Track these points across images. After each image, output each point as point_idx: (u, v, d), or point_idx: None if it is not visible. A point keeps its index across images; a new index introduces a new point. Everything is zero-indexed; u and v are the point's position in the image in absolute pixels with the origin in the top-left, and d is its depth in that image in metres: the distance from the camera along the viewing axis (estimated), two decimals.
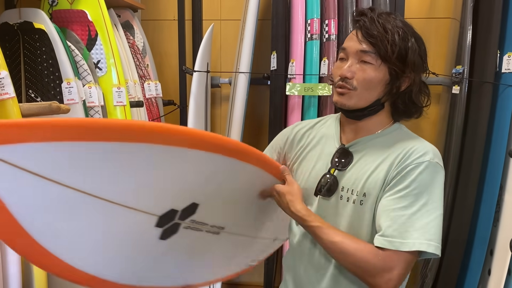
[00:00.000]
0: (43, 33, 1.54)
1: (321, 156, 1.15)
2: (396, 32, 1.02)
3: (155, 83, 2.25)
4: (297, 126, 1.24)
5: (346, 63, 1.06)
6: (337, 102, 1.08)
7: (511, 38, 1.90)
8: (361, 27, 1.04)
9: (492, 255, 1.95)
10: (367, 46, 1.03)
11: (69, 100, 1.56)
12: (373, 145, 1.09)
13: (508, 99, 1.89)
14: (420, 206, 0.97)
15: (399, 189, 1.00)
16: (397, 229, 0.96)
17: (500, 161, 1.90)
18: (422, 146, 1.04)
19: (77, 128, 0.69)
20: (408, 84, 1.07)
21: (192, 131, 0.91)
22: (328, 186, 1.09)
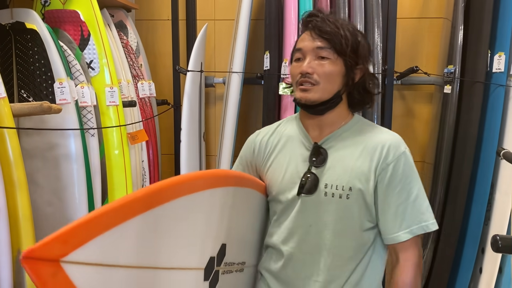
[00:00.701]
0: (35, 33, 1.54)
1: (291, 158, 1.20)
2: (346, 28, 1.13)
3: (149, 82, 2.26)
4: (259, 134, 1.30)
5: (304, 62, 1.13)
6: (302, 98, 1.14)
7: (501, 38, 1.91)
8: (314, 27, 1.12)
9: (483, 253, 1.96)
10: (322, 43, 1.11)
11: (62, 100, 1.56)
12: (344, 139, 1.17)
13: (499, 99, 1.90)
14: (417, 192, 1.12)
15: (394, 186, 1.11)
16: (410, 219, 1.10)
17: (491, 160, 1.92)
18: (392, 138, 1.16)
19: (122, 208, 0.72)
20: (361, 75, 1.17)
21: (209, 173, 1.01)
22: (310, 184, 1.14)
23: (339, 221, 1.13)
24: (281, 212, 1.21)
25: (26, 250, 0.61)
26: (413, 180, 1.13)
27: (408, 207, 1.11)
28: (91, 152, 1.69)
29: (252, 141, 1.30)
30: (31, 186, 1.43)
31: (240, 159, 1.33)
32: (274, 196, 1.22)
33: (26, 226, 1.20)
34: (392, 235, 1.13)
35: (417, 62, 2.38)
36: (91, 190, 1.66)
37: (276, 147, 1.24)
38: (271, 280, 1.24)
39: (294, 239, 1.18)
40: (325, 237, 1.15)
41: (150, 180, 2.15)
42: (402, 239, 1.11)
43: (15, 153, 1.20)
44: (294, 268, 1.19)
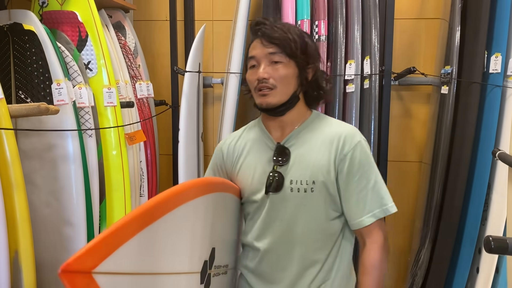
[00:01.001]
0: (32, 34, 1.55)
1: (258, 160, 1.27)
2: (293, 32, 1.21)
3: (147, 83, 2.26)
4: (226, 141, 1.37)
5: (259, 68, 1.20)
6: (263, 103, 1.21)
7: (498, 39, 1.92)
8: (263, 34, 1.20)
9: (480, 253, 1.97)
10: (273, 48, 1.19)
11: (59, 101, 1.57)
12: (304, 135, 1.25)
13: (496, 99, 1.90)
14: (375, 178, 1.20)
15: (353, 174, 1.20)
16: (371, 204, 1.19)
17: (488, 160, 1.92)
18: (347, 130, 1.24)
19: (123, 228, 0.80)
20: (313, 73, 1.26)
21: (191, 184, 1.07)
22: (276, 183, 1.21)
23: (307, 213, 1.21)
24: (254, 212, 1.29)
25: (63, 264, 0.68)
26: (370, 167, 1.21)
27: (369, 193, 1.19)
28: (89, 153, 1.70)
29: (220, 148, 1.37)
30: (29, 187, 1.44)
31: (212, 166, 1.40)
32: (247, 198, 1.30)
33: (23, 227, 1.20)
34: (357, 221, 1.21)
35: (415, 63, 2.39)
36: (89, 191, 1.66)
37: (243, 152, 1.31)
38: (249, 277, 1.32)
39: (267, 235, 1.26)
40: (296, 230, 1.23)
41: (148, 180, 2.15)
42: (367, 223, 1.19)
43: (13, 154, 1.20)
44: (270, 262, 1.27)
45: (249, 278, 1.32)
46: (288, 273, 1.25)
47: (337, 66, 2.06)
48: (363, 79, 2.08)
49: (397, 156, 2.50)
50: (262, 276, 1.29)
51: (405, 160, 2.52)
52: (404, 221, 2.55)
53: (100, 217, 1.76)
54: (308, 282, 1.24)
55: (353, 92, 2.05)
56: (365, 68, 2.07)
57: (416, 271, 2.18)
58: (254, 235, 1.28)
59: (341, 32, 2.05)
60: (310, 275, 1.24)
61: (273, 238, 1.25)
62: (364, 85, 2.08)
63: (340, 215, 1.25)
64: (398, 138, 2.49)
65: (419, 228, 2.30)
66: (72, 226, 1.60)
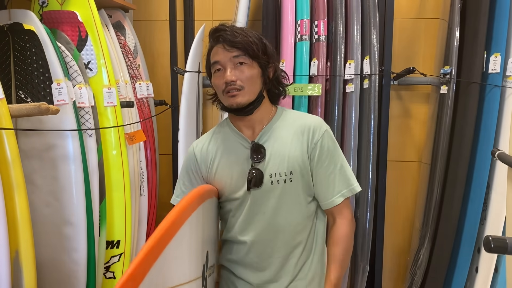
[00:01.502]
0: (33, 34, 1.55)
1: (234, 160, 1.34)
2: (253, 35, 1.29)
3: (147, 83, 2.26)
4: (197, 146, 1.41)
5: (226, 72, 1.27)
6: (233, 103, 1.28)
7: (497, 39, 1.92)
8: (225, 40, 1.27)
9: (479, 253, 1.97)
10: (236, 52, 1.26)
11: (59, 101, 1.57)
12: (275, 131, 1.33)
13: (495, 99, 1.91)
14: (341, 162, 1.33)
15: (322, 160, 1.31)
16: (340, 185, 1.32)
17: (487, 160, 1.93)
18: (314, 120, 1.34)
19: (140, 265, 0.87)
20: (274, 71, 1.34)
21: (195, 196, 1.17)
22: (256, 179, 1.29)
23: (288, 202, 1.32)
24: (235, 208, 1.36)
25: None
26: (336, 152, 1.34)
27: (337, 176, 1.32)
28: (89, 152, 1.70)
29: (192, 153, 1.41)
30: (29, 186, 1.44)
31: (186, 172, 1.42)
32: (227, 197, 1.36)
33: (24, 227, 1.20)
34: (329, 201, 1.33)
35: (414, 63, 2.39)
36: (89, 190, 1.66)
37: (217, 154, 1.37)
38: (235, 268, 1.38)
39: (251, 228, 1.34)
40: (279, 219, 1.32)
41: (148, 180, 2.15)
42: (337, 203, 1.32)
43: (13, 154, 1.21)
44: (257, 252, 1.35)
45: (235, 270, 1.39)
46: (275, 258, 1.34)
47: (337, 66, 2.06)
48: (362, 79, 2.08)
49: (397, 156, 2.50)
50: (250, 265, 1.36)
51: (404, 160, 2.52)
52: (403, 221, 2.56)
53: (100, 217, 1.76)
54: (294, 263, 1.35)
55: (353, 92, 2.06)
56: (365, 68, 2.07)
57: (415, 270, 2.18)
58: (238, 229, 1.36)
59: (341, 32, 2.06)
60: (295, 256, 1.35)
61: (258, 230, 1.33)
62: (364, 85, 2.08)
63: (314, 198, 1.37)
64: (397, 138, 2.49)
65: (418, 228, 2.30)
66: (72, 225, 1.60)
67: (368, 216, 2.09)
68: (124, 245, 1.83)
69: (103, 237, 1.78)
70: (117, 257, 1.83)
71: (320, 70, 2.06)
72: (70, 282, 1.62)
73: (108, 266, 1.83)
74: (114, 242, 1.82)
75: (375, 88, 2.07)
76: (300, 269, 1.36)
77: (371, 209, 2.10)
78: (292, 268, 1.35)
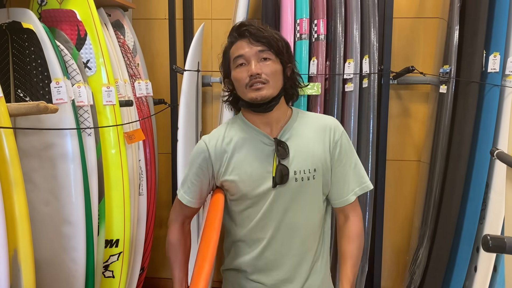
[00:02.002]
0: (31, 33, 1.54)
1: (253, 157, 1.32)
2: (275, 33, 1.31)
3: (146, 82, 2.26)
4: (211, 141, 1.37)
5: (249, 66, 1.27)
6: (257, 96, 1.27)
7: (497, 38, 1.92)
8: (251, 34, 1.28)
9: (478, 252, 1.97)
10: (262, 46, 1.27)
11: (58, 99, 1.56)
12: (296, 129, 1.35)
13: (494, 99, 1.91)
14: (355, 161, 1.38)
15: (341, 159, 1.35)
16: (354, 183, 1.36)
17: (486, 159, 1.93)
18: (333, 121, 1.38)
19: None
20: (291, 71, 1.35)
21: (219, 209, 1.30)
22: (282, 176, 1.29)
23: (308, 199, 1.33)
24: (253, 206, 1.33)
25: None
26: (352, 152, 1.38)
27: (351, 174, 1.36)
28: (88, 151, 1.70)
29: (205, 148, 1.36)
30: (28, 185, 1.44)
31: (195, 169, 1.37)
32: (243, 195, 1.33)
33: (22, 225, 1.20)
34: (343, 199, 1.36)
35: (413, 62, 2.39)
36: (88, 189, 1.66)
37: (234, 150, 1.34)
38: (246, 269, 1.37)
39: (270, 225, 1.33)
40: (299, 216, 1.33)
41: (147, 179, 2.15)
42: (351, 201, 1.36)
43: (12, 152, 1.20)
44: (273, 250, 1.34)
45: (246, 271, 1.37)
46: (291, 257, 1.34)
47: (336, 65, 2.06)
48: (362, 78, 2.08)
49: (396, 155, 2.51)
50: (264, 265, 1.35)
51: (403, 159, 2.52)
52: (402, 220, 2.56)
53: (99, 216, 1.76)
54: (309, 262, 1.36)
55: (352, 91, 2.06)
56: (364, 67, 2.07)
57: (414, 269, 2.18)
58: (255, 227, 1.34)
59: (340, 31, 2.05)
60: (310, 255, 1.36)
61: (276, 228, 1.33)
62: (363, 84, 2.08)
63: (326, 197, 1.40)
64: (396, 137, 2.50)
65: (417, 227, 2.30)
66: (71, 224, 1.60)
67: (367, 215, 2.09)
68: (123, 244, 1.83)
69: (102, 236, 1.78)
70: (116, 256, 1.83)
71: (320, 69, 2.06)
72: (69, 281, 1.62)
73: (107, 265, 1.83)
74: (113, 241, 1.82)
75: (374, 87, 2.07)
76: (313, 268, 1.37)
77: (370, 208, 2.10)
78: (307, 267, 1.35)
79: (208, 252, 1.17)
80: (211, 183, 1.39)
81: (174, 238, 1.43)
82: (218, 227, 1.26)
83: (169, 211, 1.47)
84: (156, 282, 2.72)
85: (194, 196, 1.39)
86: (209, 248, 1.18)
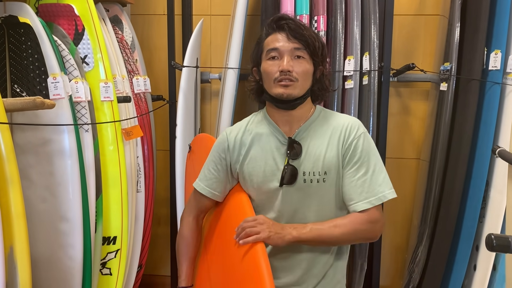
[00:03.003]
0: (28, 27, 1.52)
1: (268, 152, 1.31)
2: (314, 33, 1.28)
3: (144, 78, 2.24)
4: (231, 133, 1.38)
5: (281, 61, 1.24)
6: (284, 93, 1.24)
7: (498, 35, 1.91)
8: (290, 29, 1.24)
9: (477, 250, 1.97)
10: (299, 44, 1.24)
11: (55, 95, 1.55)
12: (313, 129, 1.31)
13: (495, 96, 1.90)
14: (373, 167, 1.26)
15: (354, 162, 1.26)
16: (368, 191, 1.24)
17: (486, 157, 1.92)
18: (351, 121, 1.31)
19: None
20: (321, 73, 1.32)
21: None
22: (290, 176, 1.26)
23: (319, 202, 1.28)
24: (264, 202, 1.33)
25: None
26: (371, 156, 1.27)
27: (367, 181, 1.25)
28: (85, 148, 1.68)
29: (225, 139, 1.38)
30: (24, 182, 1.42)
31: (213, 158, 1.39)
32: (256, 188, 1.33)
33: (18, 222, 1.18)
34: (353, 204, 1.26)
35: (414, 59, 2.38)
36: (85, 186, 1.64)
37: (251, 144, 1.33)
38: None
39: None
40: (309, 220, 1.28)
41: (145, 176, 2.14)
42: (361, 208, 1.24)
43: (8, 148, 1.19)
44: (283, 252, 1.30)
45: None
46: (301, 261, 1.31)
47: (336, 62, 2.05)
48: (362, 75, 2.07)
49: (395, 153, 2.50)
50: (273, 268, 1.28)
51: (403, 157, 2.51)
52: (401, 218, 2.55)
53: (96, 213, 1.75)
54: (320, 267, 1.31)
55: (352, 89, 2.04)
56: (364, 64, 2.06)
57: (413, 268, 2.18)
58: None
59: (340, 28, 2.04)
60: (321, 260, 1.31)
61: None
62: (363, 82, 2.07)
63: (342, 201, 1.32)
64: (396, 135, 2.48)
65: (416, 225, 2.30)
66: (68, 221, 1.58)
67: None
68: (121, 241, 1.81)
69: (99, 233, 1.76)
70: (113, 253, 1.81)
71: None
72: (66, 278, 1.60)
73: (104, 262, 1.82)
74: (110, 238, 1.81)
75: (374, 85, 2.05)
76: (325, 275, 1.33)
77: None
78: (317, 273, 1.32)
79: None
80: (227, 177, 1.38)
81: (186, 232, 1.43)
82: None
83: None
84: (153, 279, 2.71)
85: (209, 184, 1.38)
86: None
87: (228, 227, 1.39)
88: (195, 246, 1.44)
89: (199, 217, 1.46)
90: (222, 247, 1.36)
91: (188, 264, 1.41)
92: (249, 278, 1.15)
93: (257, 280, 1.11)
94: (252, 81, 1.37)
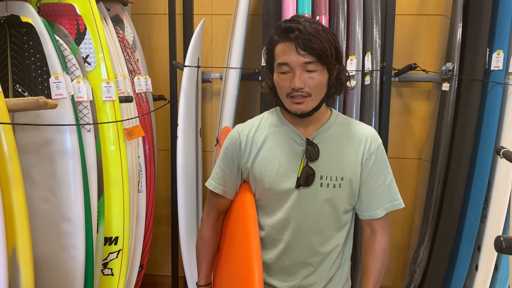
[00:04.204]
0: (30, 27, 1.52)
1: (282, 152, 1.28)
2: (326, 38, 1.18)
3: (145, 77, 2.23)
4: (243, 131, 1.35)
5: (292, 75, 1.19)
6: (298, 110, 1.23)
7: (500, 36, 1.91)
8: (299, 43, 1.16)
9: (479, 251, 1.97)
10: (310, 58, 1.17)
11: (57, 95, 1.54)
12: (331, 133, 1.30)
13: (497, 97, 1.90)
14: (390, 177, 1.33)
15: (374, 172, 1.30)
16: (386, 199, 1.31)
17: (488, 157, 1.92)
18: (371, 131, 1.32)
19: None
20: (337, 72, 1.26)
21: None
22: (307, 178, 1.25)
23: (331, 206, 1.29)
24: (273, 202, 1.31)
25: None
26: (387, 167, 1.33)
27: (384, 190, 1.31)
28: (87, 148, 1.67)
29: (236, 136, 1.34)
30: (27, 182, 1.42)
31: (224, 156, 1.37)
32: (268, 189, 1.30)
33: (21, 223, 1.18)
34: (371, 212, 1.31)
35: (415, 59, 2.37)
36: (87, 186, 1.64)
37: (263, 143, 1.31)
38: (264, 270, 1.32)
39: (290, 228, 1.29)
40: (319, 223, 1.29)
41: (146, 176, 2.13)
42: (379, 216, 1.31)
43: (10, 148, 1.18)
44: (290, 255, 1.31)
45: (264, 273, 1.33)
46: (307, 264, 1.31)
47: None
48: (364, 75, 2.07)
49: (397, 153, 2.49)
50: (280, 270, 1.33)
51: (404, 157, 2.51)
52: (403, 218, 2.55)
53: (98, 213, 1.74)
54: (326, 271, 1.32)
55: (354, 88, 2.04)
56: (366, 64, 2.06)
57: (415, 268, 2.17)
58: (275, 228, 1.31)
59: (342, 28, 2.04)
60: (328, 264, 1.32)
61: (296, 231, 1.29)
62: (365, 81, 2.07)
63: (352, 209, 1.35)
64: (397, 135, 2.48)
65: (418, 225, 2.29)
66: (70, 221, 1.58)
67: None
68: (123, 241, 1.81)
69: (101, 234, 1.76)
70: (115, 253, 1.81)
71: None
72: (68, 279, 1.60)
73: (106, 262, 1.81)
74: (112, 238, 1.80)
75: (376, 85, 2.05)
76: (331, 279, 1.34)
77: None
78: (324, 276, 1.33)
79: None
80: (238, 174, 1.36)
81: (206, 234, 1.43)
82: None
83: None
84: (155, 279, 2.70)
85: (221, 182, 1.37)
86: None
87: (229, 227, 1.39)
88: (214, 246, 1.44)
89: (217, 217, 1.44)
90: (227, 246, 1.36)
91: (207, 264, 1.43)
92: (242, 278, 1.17)
93: (248, 280, 1.12)
94: (266, 86, 1.33)
